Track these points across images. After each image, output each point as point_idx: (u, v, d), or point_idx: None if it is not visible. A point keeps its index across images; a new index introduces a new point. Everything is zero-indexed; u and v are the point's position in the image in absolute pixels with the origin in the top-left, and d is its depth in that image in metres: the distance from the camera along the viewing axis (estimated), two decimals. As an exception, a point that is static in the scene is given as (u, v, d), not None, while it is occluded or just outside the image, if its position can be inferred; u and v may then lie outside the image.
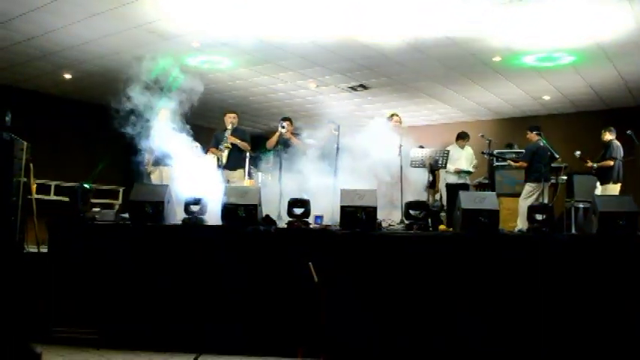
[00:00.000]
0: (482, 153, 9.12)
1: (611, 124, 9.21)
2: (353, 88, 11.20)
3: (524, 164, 8.60)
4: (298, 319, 4.92)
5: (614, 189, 8.72)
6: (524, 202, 8.23)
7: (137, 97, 6.39)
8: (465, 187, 8.75)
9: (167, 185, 5.95)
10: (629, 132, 8.12)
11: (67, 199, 8.19)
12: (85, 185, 7.02)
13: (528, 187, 8.49)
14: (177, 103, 7.10)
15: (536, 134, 8.62)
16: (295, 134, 8.04)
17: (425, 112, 13.41)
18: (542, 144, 8.39)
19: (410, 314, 4.96)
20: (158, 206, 5.57)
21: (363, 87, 11.16)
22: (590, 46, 8.39)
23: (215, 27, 8.12)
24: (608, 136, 9.00)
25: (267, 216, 5.79)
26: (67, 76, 10.76)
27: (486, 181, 9.86)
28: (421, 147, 7.28)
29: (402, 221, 6.15)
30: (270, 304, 5.09)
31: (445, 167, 7.54)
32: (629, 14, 7.12)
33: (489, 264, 5.00)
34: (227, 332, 5.09)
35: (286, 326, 5.00)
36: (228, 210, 5.47)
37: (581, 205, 8.98)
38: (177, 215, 5.84)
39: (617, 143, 8.90)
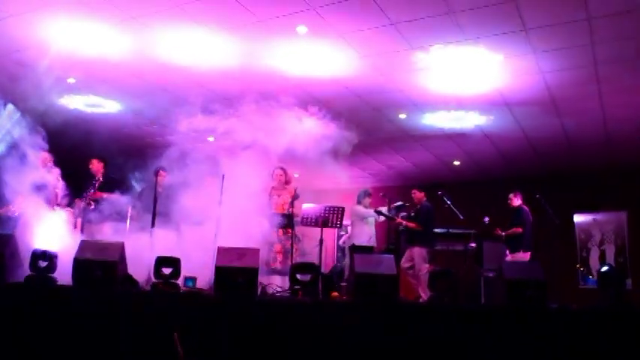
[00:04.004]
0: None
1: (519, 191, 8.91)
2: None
3: (420, 227, 8.06)
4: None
5: (524, 258, 8.29)
6: (423, 268, 7.74)
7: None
8: (369, 250, 8.08)
9: (11, 234, 5.06)
10: (538, 196, 7.79)
11: None
12: None
13: (422, 251, 7.97)
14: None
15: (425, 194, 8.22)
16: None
17: (333, 175, 12.83)
18: (430, 205, 8.04)
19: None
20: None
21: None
22: (498, 104, 8.11)
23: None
24: (516, 202, 8.65)
25: (129, 276, 4.94)
26: None
27: (392, 247, 9.24)
28: None
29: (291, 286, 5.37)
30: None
31: (339, 227, 6.86)
32: (534, 70, 6.83)
33: (387, 338, 4.23)
34: None
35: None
36: (80, 267, 4.59)
37: (490, 274, 8.49)
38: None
39: (526, 209, 8.56)
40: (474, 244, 9.14)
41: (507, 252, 8.63)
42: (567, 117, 8.42)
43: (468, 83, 7.46)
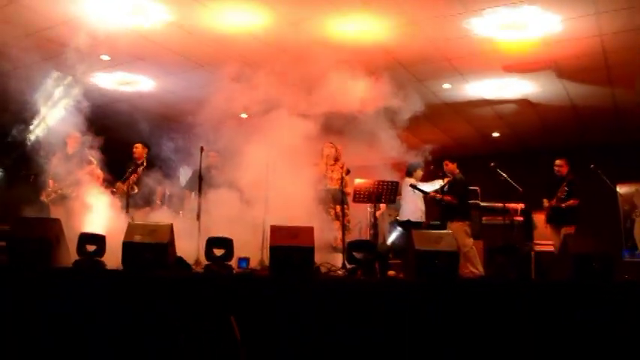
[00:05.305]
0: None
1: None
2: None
3: (455, 201, 7.73)
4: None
5: (570, 231, 7.86)
6: (468, 243, 7.44)
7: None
8: (417, 225, 7.80)
9: (57, 219, 4.90)
10: (592, 166, 7.42)
11: None
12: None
13: (462, 225, 7.63)
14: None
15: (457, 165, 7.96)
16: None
17: (367, 151, 12.58)
18: (463, 176, 7.83)
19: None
20: (44, 244, 4.51)
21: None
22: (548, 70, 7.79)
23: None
24: (565, 169, 7.95)
25: (180, 258, 4.80)
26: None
27: (437, 223, 8.92)
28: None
29: (344, 265, 5.21)
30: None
31: (393, 202, 6.58)
32: (593, 32, 6.49)
33: (451, 317, 4.03)
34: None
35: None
36: (130, 250, 4.44)
37: (539, 248, 8.18)
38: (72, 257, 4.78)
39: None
40: (521, 218, 8.81)
41: (550, 226, 8.14)
42: (619, 84, 8.13)
43: (518, 49, 7.15)
